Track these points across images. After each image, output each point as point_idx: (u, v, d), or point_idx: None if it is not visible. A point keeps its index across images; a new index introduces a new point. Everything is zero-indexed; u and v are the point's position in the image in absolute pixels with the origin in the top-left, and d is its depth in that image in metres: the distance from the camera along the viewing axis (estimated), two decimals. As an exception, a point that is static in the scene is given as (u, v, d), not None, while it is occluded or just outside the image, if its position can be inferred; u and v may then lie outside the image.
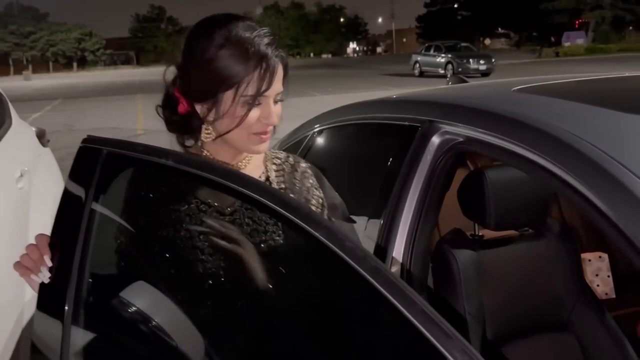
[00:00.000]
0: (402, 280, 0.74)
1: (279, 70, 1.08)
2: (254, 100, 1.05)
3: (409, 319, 0.70)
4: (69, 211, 1.11)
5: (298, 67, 37.99)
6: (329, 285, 0.91)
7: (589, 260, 2.46)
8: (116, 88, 25.23)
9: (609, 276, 2.47)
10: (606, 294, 2.42)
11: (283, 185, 1.22)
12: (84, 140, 1.10)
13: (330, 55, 79.70)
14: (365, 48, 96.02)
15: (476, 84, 1.71)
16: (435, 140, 1.45)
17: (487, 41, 61.49)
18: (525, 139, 1.10)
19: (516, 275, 1.67)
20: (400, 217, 1.44)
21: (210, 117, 1.09)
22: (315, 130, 2.18)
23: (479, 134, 1.30)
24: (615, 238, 0.88)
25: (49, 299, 1.10)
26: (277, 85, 1.08)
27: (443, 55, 22.74)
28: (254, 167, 1.20)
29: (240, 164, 1.18)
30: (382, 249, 1.45)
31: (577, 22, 41.47)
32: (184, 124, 1.16)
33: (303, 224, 0.84)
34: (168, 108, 1.17)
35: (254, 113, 1.07)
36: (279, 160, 1.26)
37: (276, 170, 1.24)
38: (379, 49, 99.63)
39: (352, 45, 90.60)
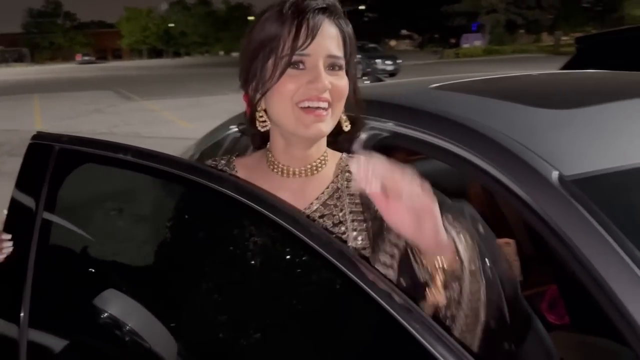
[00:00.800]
0: (364, 261, 0.78)
1: (326, 28, 0.94)
2: (290, 59, 0.91)
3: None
4: (20, 215, 1.05)
5: (208, 66, 37.33)
6: (296, 273, 0.92)
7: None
8: (9, 87, 23.47)
9: (516, 260, 2.68)
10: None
11: (356, 200, 1.02)
12: (34, 137, 1.05)
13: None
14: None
15: (394, 82, 1.81)
16: (362, 135, 1.51)
17: (393, 42, 63.73)
18: (447, 133, 1.18)
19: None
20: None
21: (258, 95, 0.97)
22: (233, 131, 2.18)
23: (404, 129, 1.37)
24: (531, 219, 0.97)
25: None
26: (327, 45, 0.93)
27: (352, 55, 23.22)
28: (323, 175, 1.03)
29: (307, 168, 1.02)
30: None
31: (474, 24, 43.99)
32: (253, 129, 1.03)
33: (269, 214, 0.85)
34: (246, 119, 1.06)
35: (295, 76, 0.92)
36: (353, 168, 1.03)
37: (348, 181, 1.03)
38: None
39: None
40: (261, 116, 1.00)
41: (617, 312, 0.81)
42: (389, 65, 22.04)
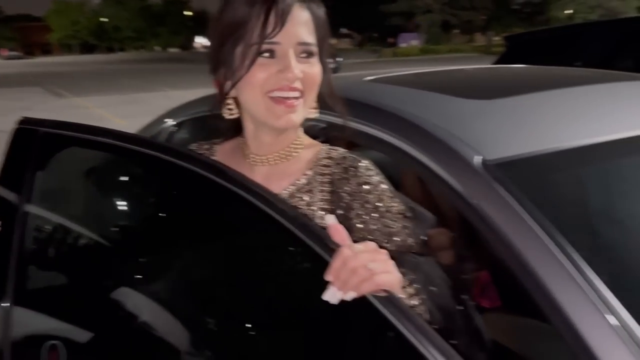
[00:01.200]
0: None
1: (297, 14, 0.91)
2: (259, 47, 0.89)
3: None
4: (5, 196, 1.12)
5: (145, 62, 36.32)
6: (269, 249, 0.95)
7: (432, 236, 2.75)
8: None
9: (450, 249, 2.78)
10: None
11: (327, 196, 1.00)
12: (20, 122, 1.11)
13: (178, 49, 77.20)
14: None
15: (341, 76, 1.85)
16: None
17: (333, 41, 64.10)
18: (380, 122, 1.22)
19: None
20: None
21: (228, 83, 0.94)
22: (168, 124, 2.16)
23: (340, 119, 1.40)
24: (457, 203, 1.02)
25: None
26: (297, 32, 0.91)
27: (292, 52, 23.29)
28: (293, 165, 1.02)
29: (275, 155, 1.01)
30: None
31: (411, 24, 45.06)
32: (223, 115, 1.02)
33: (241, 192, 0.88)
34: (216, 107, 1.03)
35: (265, 65, 0.90)
36: (329, 161, 1.03)
37: (321, 174, 1.02)
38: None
39: (200, 40, 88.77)
40: (228, 104, 0.99)
41: (540, 292, 0.84)
42: (330, 63, 22.17)
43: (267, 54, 0.91)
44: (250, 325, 1.01)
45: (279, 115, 0.93)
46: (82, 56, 62.14)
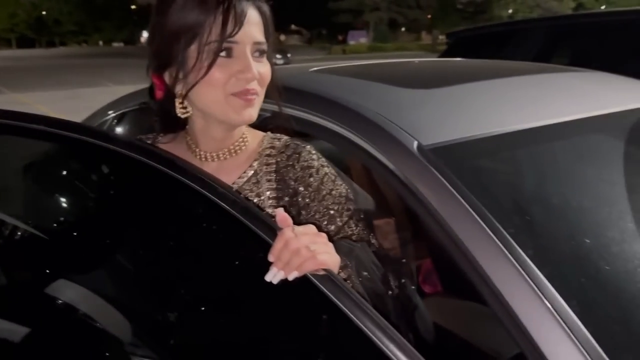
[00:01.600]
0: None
1: (251, 15, 0.93)
2: (219, 47, 0.90)
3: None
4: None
5: (87, 56, 35.13)
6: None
7: (379, 226, 2.82)
8: None
9: (395, 238, 2.86)
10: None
11: (273, 185, 1.03)
12: None
13: (122, 44, 75.04)
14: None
15: (279, 67, 1.87)
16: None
17: (282, 37, 64.05)
18: (323, 110, 1.25)
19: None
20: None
21: (179, 84, 0.94)
22: (110, 117, 2.14)
23: (284, 108, 1.43)
24: (397, 187, 1.06)
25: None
26: (252, 32, 0.93)
27: (241, 48, 23.17)
28: (241, 158, 1.04)
29: (225, 151, 1.02)
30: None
31: (359, 22, 45.51)
32: (165, 112, 1.01)
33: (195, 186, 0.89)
34: (151, 98, 1.02)
35: (225, 65, 0.91)
36: (273, 150, 1.07)
37: (266, 164, 1.06)
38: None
39: (146, 34, 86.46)
40: (181, 103, 0.98)
41: (474, 274, 0.88)
42: (279, 59, 22.19)
43: (224, 54, 0.92)
44: (195, 313, 1.03)
45: (240, 111, 0.95)
46: (21, 50, 59.40)
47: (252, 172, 1.04)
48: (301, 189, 1.04)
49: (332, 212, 1.04)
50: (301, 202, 1.04)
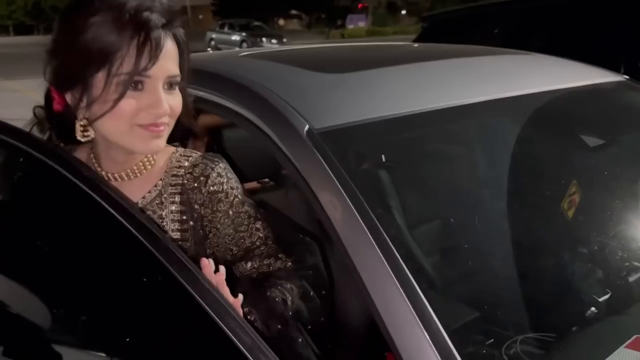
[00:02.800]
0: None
1: (168, 47, 0.89)
2: (130, 80, 0.85)
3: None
4: None
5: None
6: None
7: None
8: None
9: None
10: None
11: (178, 207, 1.01)
12: None
13: (121, 32, 74.38)
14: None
15: (216, 52, 1.88)
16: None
17: (281, 21, 63.60)
18: (228, 92, 1.26)
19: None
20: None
21: (82, 108, 0.90)
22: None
23: (204, 93, 1.43)
24: (290, 171, 1.07)
25: None
26: (167, 66, 0.89)
27: (237, 33, 23.01)
28: (145, 178, 1.01)
29: (128, 171, 0.99)
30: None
31: (359, 5, 45.12)
32: (62, 125, 0.96)
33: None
34: (47, 108, 0.98)
35: (134, 98, 0.87)
36: (180, 170, 1.03)
37: (172, 185, 1.02)
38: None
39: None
40: (82, 125, 0.93)
41: (345, 255, 0.90)
42: (274, 44, 22.07)
43: (136, 86, 0.88)
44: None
45: (146, 143, 0.92)
46: (17, 37, 59.17)
47: (157, 192, 1.02)
48: (208, 212, 1.02)
49: (241, 234, 1.05)
50: (209, 225, 1.03)
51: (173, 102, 0.93)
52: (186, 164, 1.03)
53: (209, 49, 23.70)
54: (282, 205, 1.89)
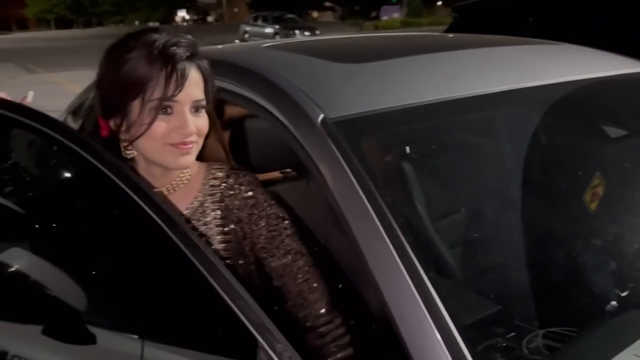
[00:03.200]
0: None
1: (192, 76, 1.03)
2: (160, 105, 1.00)
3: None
4: None
5: (115, 36, 35.58)
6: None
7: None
8: None
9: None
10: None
11: (219, 213, 1.14)
12: None
13: (158, 23, 75.70)
14: (195, 17, 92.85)
15: (242, 44, 1.90)
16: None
17: (315, 14, 63.50)
18: (250, 83, 1.28)
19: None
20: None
21: (123, 132, 1.06)
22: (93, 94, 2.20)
23: (225, 83, 1.46)
24: (305, 160, 1.09)
25: None
26: (192, 92, 1.03)
27: (270, 26, 23.11)
28: (185, 191, 1.15)
29: (168, 186, 1.13)
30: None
31: (393, -3, 44.65)
32: (110, 147, 1.08)
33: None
34: (97, 135, 1.12)
35: (165, 121, 1.02)
36: (216, 181, 1.17)
37: (211, 195, 1.15)
38: (209, 18, 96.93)
39: (181, 14, 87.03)
40: (126, 146, 1.09)
41: (354, 242, 0.91)
42: (307, 36, 22.10)
43: (165, 110, 1.03)
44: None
45: (177, 159, 1.06)
46: (58, 31, 60.75)
47: (198, 202, 1.15)
48: (245, 215, 1.15)
49: (273, 233, 1.16)
50: (246, 227, 1.15)
51: (199, 123, 1.07)
52: (220, 174, 1.17)
53: (236, 41, 23.91)
54: (303, 196, 1.91)
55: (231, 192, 1.14)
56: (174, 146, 1.04)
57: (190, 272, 0.87)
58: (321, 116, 1.07)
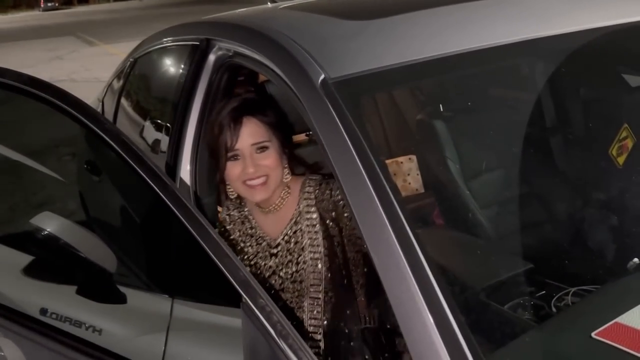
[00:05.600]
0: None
1: (248, 126, 1.29)
2: (225, 156, 1.29)
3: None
4: None
5: (178, 5, 36.11)
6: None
7: (401, 163, 2.80)
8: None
9: (418, 174, 2.83)
10: (416, 189, 2.79)
11: (314, 215, 1.34)
12: None
13: (210, -9, 75.85)
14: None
15: (260, 7, 1.89)
16: (212, 56, 1.59)
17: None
18: (257, 45, 1.28)
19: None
20: (186, 127, 1.59)
21: (218, 175, 1.36)
22: (130, 61, 2.27)
23: (240, 47, 1.46)
24: (306, 119, 1.08)
25: None
26: (248, 139, 1.29)
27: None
28: (288, 206, 1.37)
29: (274, 205, 1.37)
30: (173, 154, 1.61)
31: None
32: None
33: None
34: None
35: (235, 166, 1.30)
36: (311, 188, 1.37)
37: (308, 201, 1.35)
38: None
39: None
40: (228, 188, 1.38)
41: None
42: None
43: (234, 158, 1.30)
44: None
45: (252, 195, 1.31)
46: (117, 3, 62.17)
47: (300, 209, 1.35)
48: (335, 215, 1.33)
49: (355, 232, 1.30)
50: (340, 223, 1.33)
51: (264, 162, 1.30)
52: (313, 184, 1.36)
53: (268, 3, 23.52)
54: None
55: (323, 197, 1.33)
56: (246, 184, 1.29)
57: (188, 236, 0.90)
58: (322, 76, 1.05)
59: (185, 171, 1.57)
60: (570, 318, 1.02)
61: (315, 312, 1.26)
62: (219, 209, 1.54)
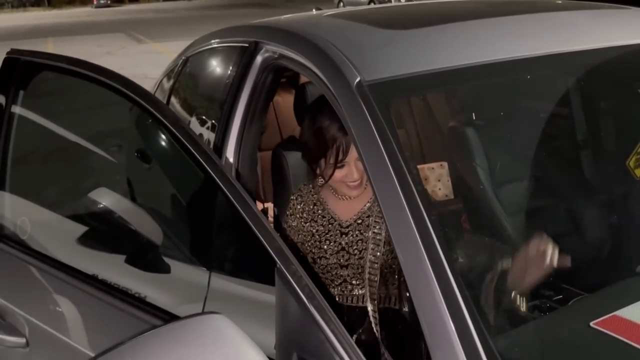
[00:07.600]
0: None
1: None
2: (335, 166, 1.52)
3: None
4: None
5: (226, 7, 36.82)
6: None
7: (433, 169, 2.88)
8: (25, 32, 23.65)
9: (448, 180, 2.91)
10: (446, 195, 2.86)
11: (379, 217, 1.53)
12: (8, 53, 1.51)
13: (257, -5, 76.84)
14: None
15: (306, 13, 2.01)
16: (259, 57, 1.73)
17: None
18: (301, 49, 1.40)
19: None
20: (232, 123, 1.73)
21: (318, 172, 1.60)
22: (181, 60, 2.43)
23: (285, 50, 1.58)
24: (344, 121, 1.19)
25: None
26: (355, 153, 1.45)
27: (366, -7, 22.85)
28: (364, 196, 1.61)
29: (352, 197, 1.62)
30: (218, 149, 1.74)
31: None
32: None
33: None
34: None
35: (340, 172, 1.54)
36: None
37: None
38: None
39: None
40: (319, 178, 1.64)
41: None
42: (403, 2, 21.63)
43: (342, 165, 1.53)
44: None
45: (350, 191, 1.58)
46: (167, 3, 63.69)
47: (369, 204, 1.60)
48: None
49: None
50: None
51: (362, 168, 1.49)
52: None
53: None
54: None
55: None
56: (347, 184, 1.55)
57: (230, 213, 1.03)
58: (357, 79, 1.16)
59: (228, 164, 1.72)
60: (571, 310, 1.10)
61: (372, 287, 1.51)
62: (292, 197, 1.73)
